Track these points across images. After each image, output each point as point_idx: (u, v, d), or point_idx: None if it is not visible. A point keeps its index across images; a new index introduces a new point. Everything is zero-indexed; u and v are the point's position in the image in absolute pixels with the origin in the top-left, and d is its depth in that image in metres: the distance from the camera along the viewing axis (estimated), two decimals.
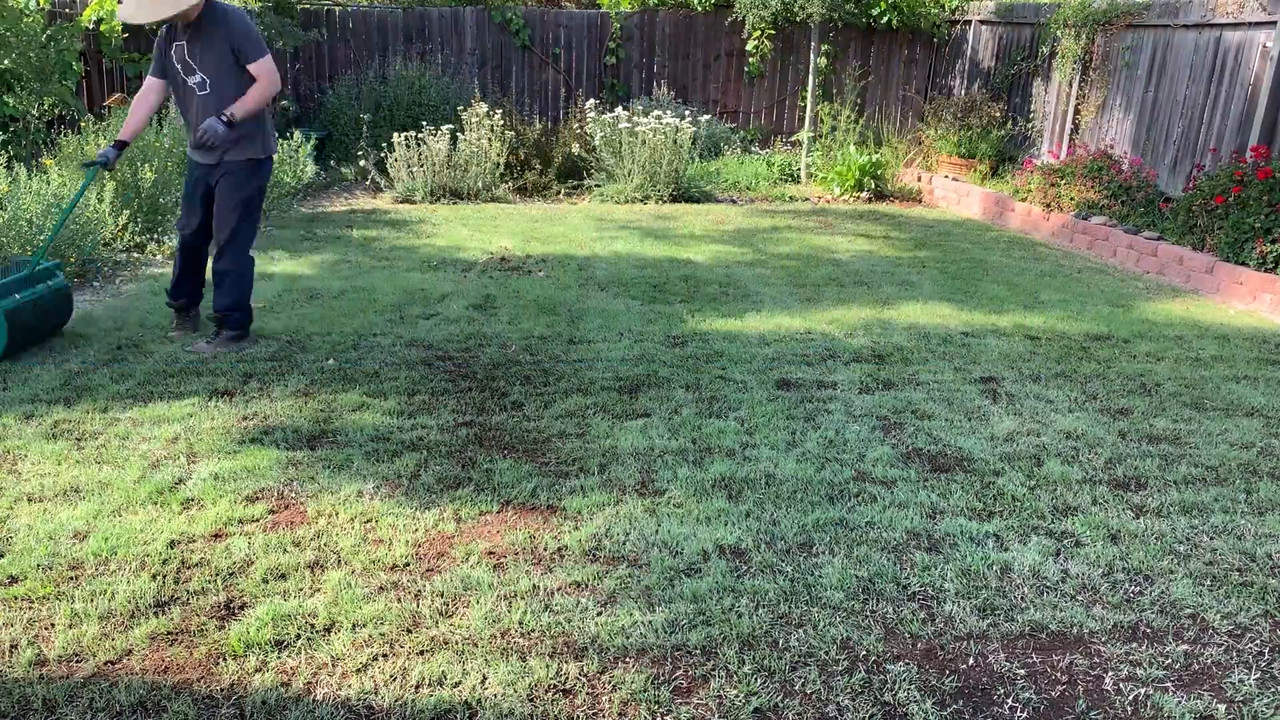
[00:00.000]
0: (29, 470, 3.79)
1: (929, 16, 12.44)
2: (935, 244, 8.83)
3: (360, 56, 12.25)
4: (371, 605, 2.95)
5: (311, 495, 3.65)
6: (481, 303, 6.41)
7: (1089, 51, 10.06)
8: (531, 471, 3.89)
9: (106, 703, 2.51)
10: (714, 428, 4.35)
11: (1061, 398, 4.89)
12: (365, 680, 2.62)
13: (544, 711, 2.52)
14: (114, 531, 3.33)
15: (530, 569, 3.19)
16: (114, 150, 5.18)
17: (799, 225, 9.62)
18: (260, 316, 5.89)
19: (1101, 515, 3.65)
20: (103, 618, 2.86)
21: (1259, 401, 4.92)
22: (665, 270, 7.44)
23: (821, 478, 3.88)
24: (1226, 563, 3.34)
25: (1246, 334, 6.17)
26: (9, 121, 9.10)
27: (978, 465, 4.06)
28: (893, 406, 4.70)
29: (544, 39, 12.64)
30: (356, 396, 4.65)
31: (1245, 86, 8.14)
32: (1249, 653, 2.85)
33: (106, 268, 7.05)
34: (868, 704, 2.57)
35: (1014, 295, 6.96)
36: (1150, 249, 7.94)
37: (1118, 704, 2.62)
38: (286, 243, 8.22)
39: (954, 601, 3.05)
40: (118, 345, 5.34)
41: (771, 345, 5.62)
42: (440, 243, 8.35)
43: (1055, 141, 10.65)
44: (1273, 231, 6.95)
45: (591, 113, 11.13)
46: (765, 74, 12.98)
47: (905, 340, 5.79)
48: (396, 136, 10.38)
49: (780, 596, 3.05)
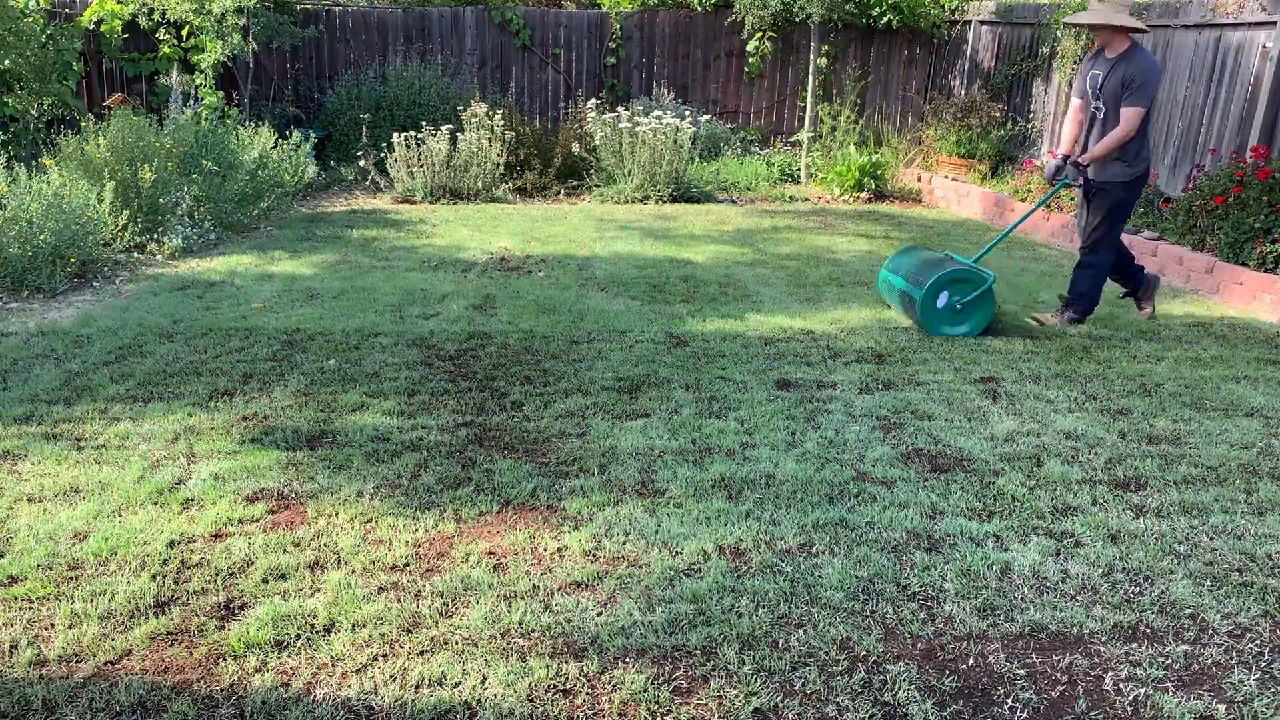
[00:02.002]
0: (29, 470, 3.79)
1: (929, 17, 12.44)
2: (935, 244, 8.83)
3: (360, 57, 12.25)
4: (371, 605, 2.95)
5: (311, 495, 3.65)
6: (481, 303, 6.41)
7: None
8: (531, 471, 3.89)
9: (106, 703, 2.51)
10: (714, 428, 4.35)
11: (1061, 398, 4.89)
12: (365, 680, 2.62)
13: (544, 711, 2.52)
14: (114, 532, 3.33)
15: (530, 569, 3.19)
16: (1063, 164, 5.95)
17: (799, 225, 9.62)
18: (260, 316, 5.90)
19: (1101, 515, 3.65)
20: (103, 618, 2.86)
21: (1259, 401, 4.92)
22: (665, 270, 7.44)
23: (821, 478, 3.88)
24: (1226, 563, 3.34)
25: (1246, 334, 6.17)
26: (9, 121, 9.10)
27: (978, 465, 4.06)
28: (893, 406, 4.70)
29: (544, 39, 12.64)
30: (356, 396, 4.65)
31: (1245, 87, 8.14)
32: (1249, 653, 2.85)
33: (106, 268, 7.06)
34: (868, 704, 2.57)
35: (1014, 295, 6.95)
36: (1150, 249, 7.94)
37: (1118, 704, 2.62)
38: (286, 243, 8.22)
39: (954, 601, 3.05)
40: (118, 345, 5.34)
41: (771, 345, 5.62)
42: (440, 243, 8.35)
43: (1055, 141, 10.64)
44: (1272, 232, 6.95)
45: (591, 113, 11.13)
46: (765, 74, 12.98)
47: (905, 340, 5.79)
48: (396, 136, 10.38)
49: (780, 596, 3.05)
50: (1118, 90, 5.75)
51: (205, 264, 7.38)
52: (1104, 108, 5.86)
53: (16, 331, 5.57)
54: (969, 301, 5.82)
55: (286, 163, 9.75)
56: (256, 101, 11.64)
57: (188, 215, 8.09)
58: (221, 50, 10.46)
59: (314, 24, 11.99)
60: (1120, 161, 5.86)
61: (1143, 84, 5.68)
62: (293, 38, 11.34)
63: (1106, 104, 5.84)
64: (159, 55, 10.92)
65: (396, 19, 12.25)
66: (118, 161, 7.67)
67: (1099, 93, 5.88)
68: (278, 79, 12.09)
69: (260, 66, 11.74)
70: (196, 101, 10.36)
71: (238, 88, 11.34)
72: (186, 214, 8.07)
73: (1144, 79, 5.68)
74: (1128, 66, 5.72)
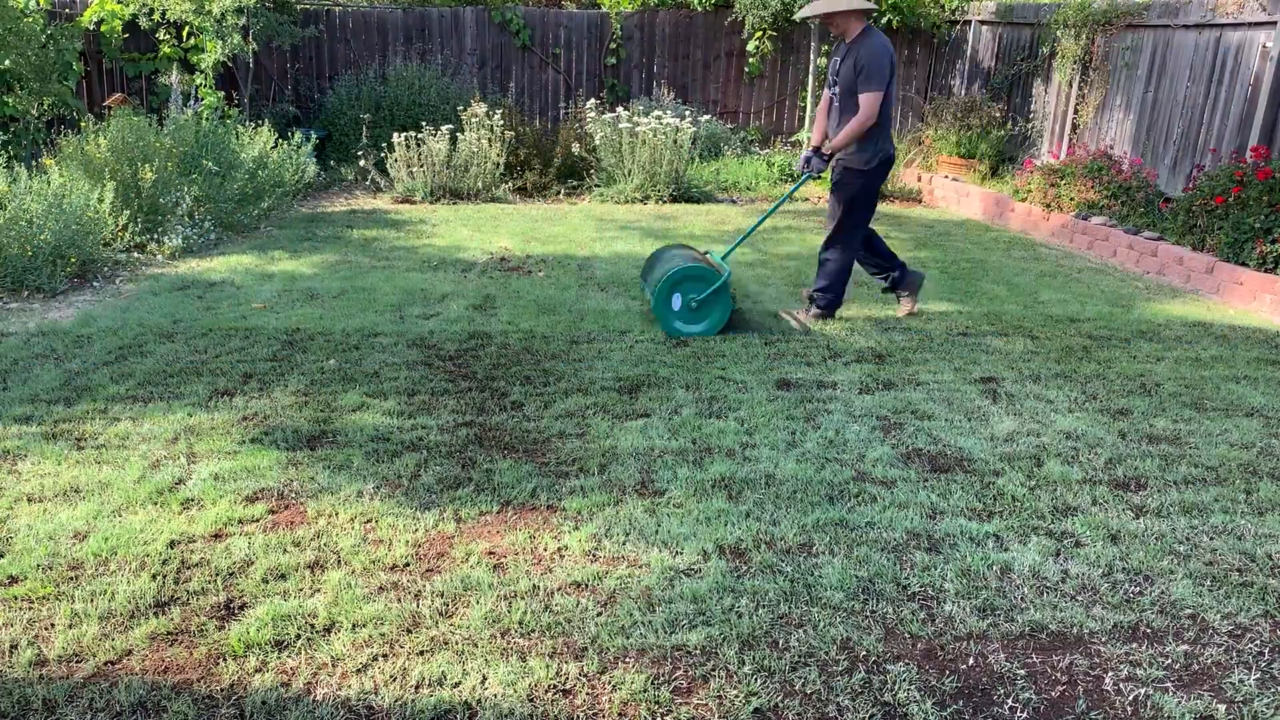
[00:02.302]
0: (29, 470, 3.79)
1: (929, 17, 12.44)
2: (935, 244, 8.83)
3: (360, 56, 12.26)
4: (371, 605, 2.95)
5: (311, 495, 3.65)
6: (481, 303, 6.41)
7: (1089, 52, 10.06)
8: (531, 471, 3.89)
9: (106, 703, 2.51)
10: (714, 428, 4.35)
11: (1061, 398, 4.89)
12: (365, 680, 2.62)
13: (544, 711, 2.52)
14: (114, 532, 3.33)
15: (530, 569, 3.19)
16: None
17: (799, 225, 9.62)
18: (260, 316, 5.90)
19: (1101, 515, 3.65)
20: (103, 618, 2.86)
21: (1259, 401, 4.92)
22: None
23: (821, 478, 3.88)
24: (1226, 563, 3.34)
25: (1246, 334, 6.17)
26: (9, 121, 9.11)
27: (978, 465, 4.06)
28: (893, 406, 4.70)
29: (544, 39, 12.64)
30: (356, 396, 4.65)
31: (1245, 87, 8.14)
32: (1249, 653, 2.85)
33: (106, 268, 7.06)
34: (868, 704, 2.57)
35: (1014, 295, 6.96)
36: (1150, 249, 7.94)
37: (1118, 704, 2.62)
38: (286, 243, 8.22)
39: (954, 601, 3.05)
40: (118, 345, 5.34)
41: (771, 345, 5.62)
42: (440, 243, 8.35)
43: (1055, 141, 10.65)
44: (1272, 232, 6.95)
45: (591, 113, 11.13)
46: (765, 74, 12.98)
47: (905, 340, 5.79)
48: (396, 136, 10.38)
49: (780, 596, 3.05)
50: (852, 77, 5.61)
51: (205, 264, 7.38)
52: (842, 96, 5.73)
53: (16, 331, 5.57)
54: (704, 299, 5.68)
55: (287, 163, 9.75)
56: (257, 101, 11.65)
57: (188, 215, 8.09)
58: (221, 50, 10.47)
59: (314, 24, 12.00)
60: (857, 149, 5.73)
61: (874, 67, 5.52)
62: (293, 37, 11.35)
63: (844, 92, 5.70)
64: (159, 55, 10.92)
65: (396, 19, 12.26)
66: (118, 161, 7.67)
67: (836, 80, 5.76)
68: (278, 79, 12.09)
69: (260, 66, 11.74)
70: (197, 101, 10.36)
71: (238, 88, 11.34)
72: (187, 214, 8.07)
73: (873, 62, 5.52)
74: (859, 52, 5.58)
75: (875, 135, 5.72)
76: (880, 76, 5.54)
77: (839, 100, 5.80)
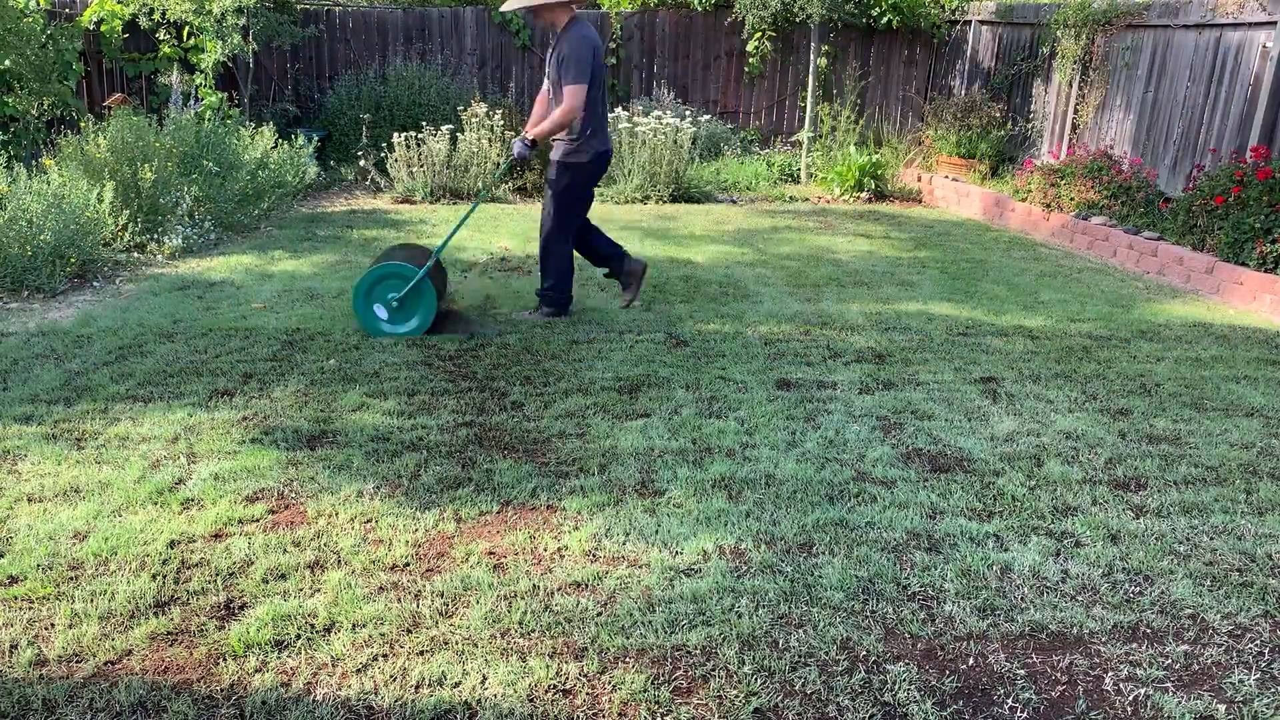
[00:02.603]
0: (29, 470, 3.79)
1: (929, 17, 12.44)
2: (935, 244, 8.83)
3: (360, 56, 12.26)
4: (371, 605, 2.95)
5: (311, 495, 3.65)
6: (481, 303, 6.41)
7: (1089, 52, 10.06)
8: (531, 471, 3.89)
9: (106, 703, 2.51)
10: (714, 428, 4.35)
11: (1061, 398, 4.89)
12: (365, 680, 2.62)
13: (544, 711, 2.52)
14: (114, 532, 3.33)
15: (530, 569, 3.19)
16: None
17: (799, 225, 9.62)
18: (260, 316, 5.90)
19: (1101, 515, 3.65)
20: (103, 618, 2.86)
21: (1259, 401, 4.92)
22: (665, 270, 7.44)
23: (821, 478, 3.88)
24: (1226, 563, 3.34)
25: (1246, 334, 6.17)
26: (9, 121, 9.10)
27: (978, 465, 4.06)
28: (893, 406, 4.70)
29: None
30: (356, 396, 4.65)
31: (1245, 86, 8.14)
32: (1249, 653, 2.85)
33: (106, 268, 7.06)
34: (868, 704, 2.57)
35: (1014, 295, 6.96)
36: (1150, 249, 7.94)
37: (1118, 704, 2.62)
38: (286, 243, 8.22)
39: (954, 602, 3.05)
40: (118, 345, 5.34)
41: (771, 345, 5.62)
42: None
43: (1055, 141, 10.65)
44: (1273, 232, 6.95)
45: None
46: (765, 74, 12.98)
47: (905, 340, 5.79)
48: (396, 137, 10.38)
49: (780, 596, 3.05)
50: (556, 69, 5.57)
51: (205, 264, 7.38)
52: (553, 89, 5.68)
53: (16, 331, 5.57)
54: (404, 297, 5.53)
55: (288, 163, 9.75)
56: (257, 101, 11.64)
57: (188, 215, 8.09)
58: (222, 50, 10.46)
59: (314, 24, 12.00)
60: (568, 144, 5.69)
61: (574, 59, 5.46)
62: (293, 37, 11.35)
63: (554, 85, 5.65)
64: (159, 55, 10.91)
65: (396, 19, 12.26)
66: (118, 161, 7.67)
67: (548, 73, 5.72)
68: (278, 79, 12.09)
69: (260, 66, 11.74)
70: (197, 101, 10.36)
71: (238, 88, 11.34)
72: (187, 214, 8.07)
73: (573, 53, 5.46)
74: (563, 44, 5.54)
75: (582, 127, 5.64)
76: (581, 68, 5.46)
77: (551, 93, 5.75)
